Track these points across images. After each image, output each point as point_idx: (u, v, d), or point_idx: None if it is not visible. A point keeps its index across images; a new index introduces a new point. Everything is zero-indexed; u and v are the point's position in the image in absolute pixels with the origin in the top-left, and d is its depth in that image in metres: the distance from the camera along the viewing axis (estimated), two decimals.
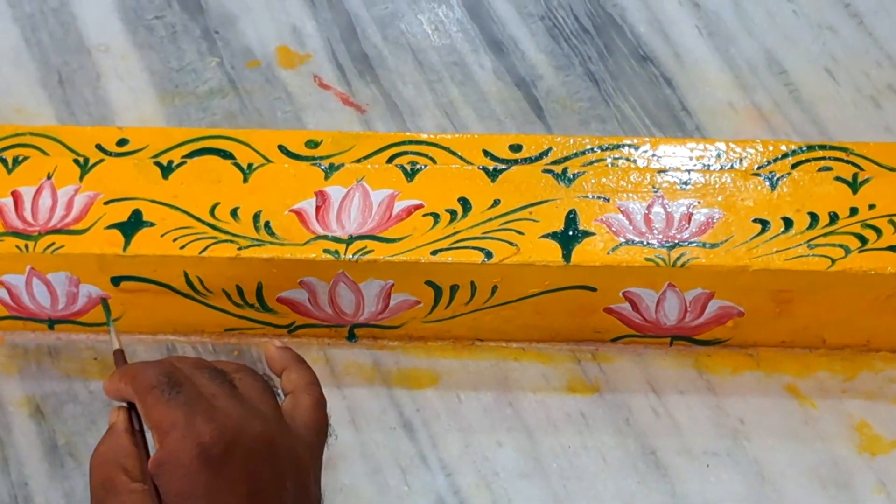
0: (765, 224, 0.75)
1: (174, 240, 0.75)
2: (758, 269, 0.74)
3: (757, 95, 0.90)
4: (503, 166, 0.78)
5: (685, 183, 0.77)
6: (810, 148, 0.79)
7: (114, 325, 0.72)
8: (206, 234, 0.76)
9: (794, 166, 0.78)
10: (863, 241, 0.74)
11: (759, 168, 0.78)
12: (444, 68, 0.92)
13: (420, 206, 0.77)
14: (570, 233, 0.75)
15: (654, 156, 0.79)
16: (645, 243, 0.75)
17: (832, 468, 0.75)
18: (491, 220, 0.76)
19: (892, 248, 0.74)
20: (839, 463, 0.76)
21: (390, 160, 0.79)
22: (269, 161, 0.79)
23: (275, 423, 0.62)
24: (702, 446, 0.76)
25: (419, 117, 0.90)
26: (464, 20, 0.95)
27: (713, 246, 0.75)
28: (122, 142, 0.80)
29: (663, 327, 0.78)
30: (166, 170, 0.78)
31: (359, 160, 0.79)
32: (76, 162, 0.79)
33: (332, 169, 0.79)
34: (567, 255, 0.74)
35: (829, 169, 0.78)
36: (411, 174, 0.78)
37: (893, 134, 0.88)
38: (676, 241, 0.75)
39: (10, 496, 0.76)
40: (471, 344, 0.80)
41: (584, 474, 0.76)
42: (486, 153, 0.79)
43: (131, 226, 0.76)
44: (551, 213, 0.76)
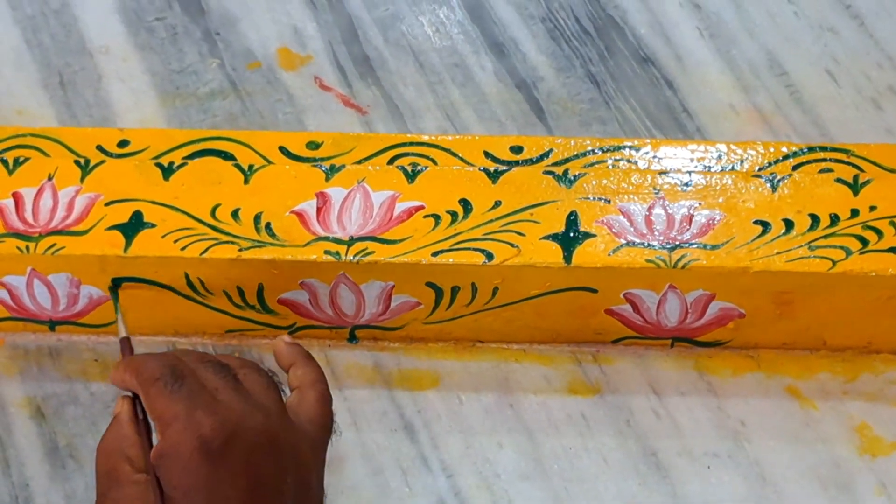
0: (766, 225, 0.75)
1: (175, 241, 0.75)
2: (759, 271, 0.74)
3: (758, 97, 0.90)
4: (504, 168, 0.78)
5: (686, 184, 0.77)
6: (811, 149, 0.79)
7: (121, 313, 0.72)
8: (206, 235, 0.76)
9: (794, 168, 0.78)
10: (864, 242, 0.74)
11: (759, 170, 0.78)
12: (445, 70, 0.92)
13: (421, 208, 0.77)
14: (571, 234, 0.75)
15: (654, 157, 0.79)
16: (646, 245, 0.75)
17: (833, 470, 0.75)
18: (492, 221, 0.76)
19: (893, 250, 0.74)
20: (840, 464, 0.76)
21: (391, 161, 0.79)
22: (270, 162, 0.79)
23: (277, 418, 0.63)
24: (703, 448, 0.76)
25: (420, 119, 0.90)
26: (465, 22, 0.95)
27: (714, 247, 0.74)
28: (123, 143, 0.80)
29: (664, 329, 0.78)
30: (167, 171, 0.78)
31: (360, 161, 0.79)
32: (77, 163, 0.79)
33: (332, 170, 0.79)
34: (568, 256, 0.74)
35: (829, 171, 0.77)
36: (412, 175, 0.78)
37: (894, 135, 0.88)
38: (677, 243, 0.75)
39: (11, 497, 0.76)
40: (472, 345, 0.80)
41: (585, 476, 0.76)
42: (487, 154, 0.79)
43: (132, 227, 0.76)
44: (552, 215, 0.76)
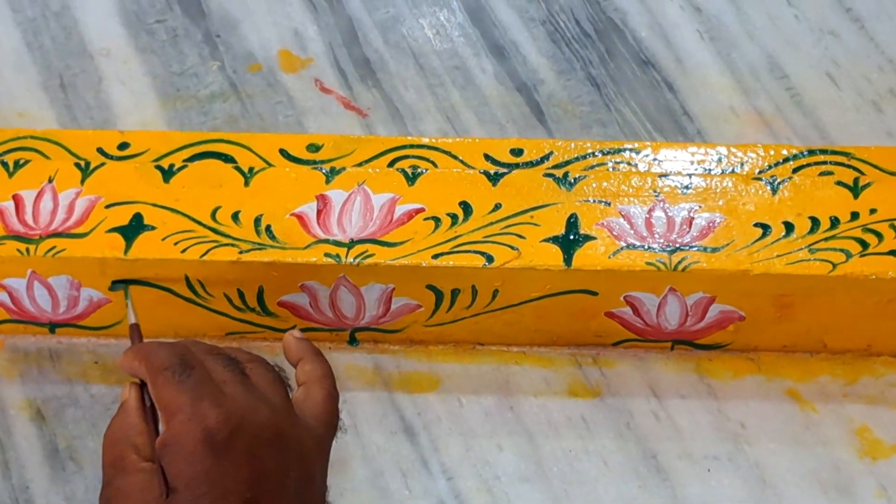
0: (766, 228, 0.75)
1: (175, 243, 0.75)
2: (759, 274, 0.74)
3: (758, 100, 0.90)
4: (504, 170, 0.78)
5: (686, 187, 0.77)
6: (811, 152, 0.79)
7: (131, 299, 0.72)
8: (207, 237, 0.76)
9: (795, 171, 0.78)
10: (864, 245, 0.74)
11: (760, 172, 0.78)
12: (446, 72, 0.92)
13: (421, 210, 0.77)
14: (571, 237, 0.75)
15: (655, 160, 0.79)
16: (646, 247, 0.75)
17: (833, 472, 0.75)
18: (492, 224, 0.76)
19: (893, 253, 0.74)
20: (840, 467, 0.76)
21: (391, 164, 0.79)
22: (270, 165, 0.79)
23: (283, 412, 0.63)
24: (703, 450, 0.76)
25: (420, 121, 0.90)
26: (465, 24, 0.95)
27: (714, 250, 0.74)
28: (123, 145, 0.80)
29: (664, 331, 0.78)
30: (167, 173, 0.78)
31: (360, 164, 0.79)
32: (77, 165, 0.79)
33: (333, 173, 0.79)
34: (568, 259, 0.74)
35: (830, 173, 0.77)
36: (412, 178, 0.78)
37: (895, 138, 0.88)
38: (677, 246, 0.75)
39: (11, 500, 0.76)
40: (472, 348, 0.80)
41: (585, 478, 0.76)
42: (488, 157, 0.79)
43: (132, 229, 0.76)
44: (552, 218, 0.76)
